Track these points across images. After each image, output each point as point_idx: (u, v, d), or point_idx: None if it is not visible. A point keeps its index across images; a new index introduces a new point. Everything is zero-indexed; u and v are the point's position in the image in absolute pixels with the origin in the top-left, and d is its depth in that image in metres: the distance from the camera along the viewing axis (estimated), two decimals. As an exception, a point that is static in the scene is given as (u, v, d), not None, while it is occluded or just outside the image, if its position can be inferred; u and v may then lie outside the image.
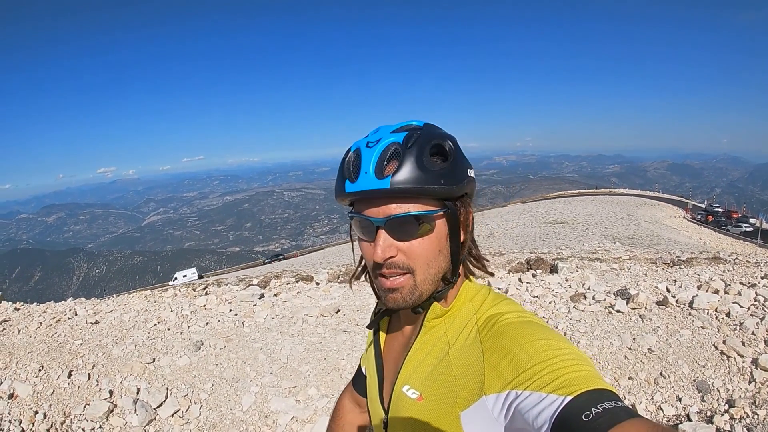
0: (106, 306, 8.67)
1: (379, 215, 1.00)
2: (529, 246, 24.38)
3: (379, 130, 1.06)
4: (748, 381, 4.62)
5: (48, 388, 5.07)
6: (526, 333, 0.93)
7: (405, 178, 0.96)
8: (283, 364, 6.40)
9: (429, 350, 1.10)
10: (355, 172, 1.01)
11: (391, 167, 0.98)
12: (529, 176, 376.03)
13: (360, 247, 1.10)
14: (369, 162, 0.99)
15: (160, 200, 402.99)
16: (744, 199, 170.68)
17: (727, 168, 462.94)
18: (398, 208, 0.99)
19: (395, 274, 1.02)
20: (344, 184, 1.03)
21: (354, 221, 1.06)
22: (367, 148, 1.02)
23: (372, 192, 0.98)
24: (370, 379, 1.31)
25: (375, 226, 1.00)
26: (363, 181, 0.99)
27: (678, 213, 52.81)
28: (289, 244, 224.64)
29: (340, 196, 1.06)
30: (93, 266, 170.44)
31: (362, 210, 1.03)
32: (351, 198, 1.04)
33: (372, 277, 1.09)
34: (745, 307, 6.15)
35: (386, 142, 1.01)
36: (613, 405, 0.73)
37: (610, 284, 8.87)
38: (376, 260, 1.00)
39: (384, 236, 1.00)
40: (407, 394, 1.09)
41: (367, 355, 1.38)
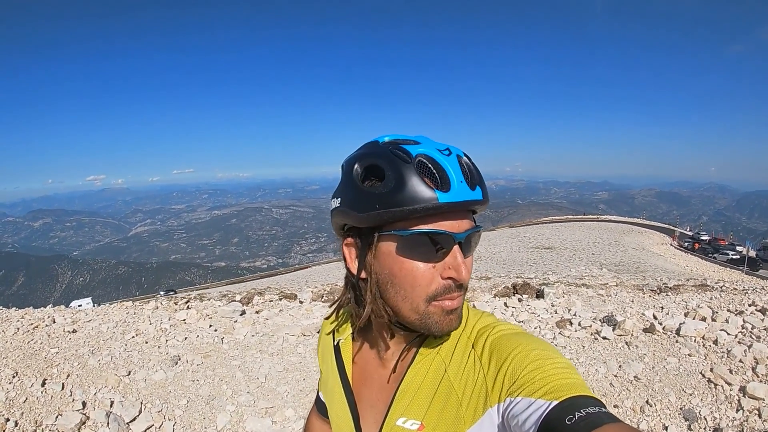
0: (84, 315, 8.53)
1: (458, 229, 0.91)
2: (516, 270, 24.39)
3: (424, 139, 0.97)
4: (736, 409, 4.57)
5: (21, 395, 4.94)
6: (520, 343, 0.92)
7: (486, 190, 0.94)
8: (261, 384, 6.27)
9: (424, 376, 1.01)
10: (440, 180, 0.89)
11: (472, 179, 0.93)
12: (518, 201, 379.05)
13: (405, 270, 0.93)
14: (457, 170, 0.90)
15: (148, 211, 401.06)
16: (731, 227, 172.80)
17: (714, 196, 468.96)
18: (469, 223, 0.94)
19: (461, 295, 0.95)
20: (431, 192, 0.88)
21: (414, 238, 0.90)
22: (445, 156, 0.91)
23: (469, 203, 0.91)
24: (339, 416, 1.17)
25: (454, 243, 0.91)
26: (459, 191, 0.89)
27: (665, 240, 53.19)
28: (276, 261, 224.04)
29: (422, 207, 0.87)
30: (77, 274, 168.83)
31: (429, 223, 0.90)
32: (442, 209, 0.89)
33: (419, 304, 0.93)
34: (732, 335, 6.12)
35: (455, 151, 0.94)
36: (597, 410, 0.75)
37: (596, 310, 8.84)
38: (463, 280, 0.92)
39: (460, 253, 0.92)
40: (405, 426, 1.00)
41: (329, 388, 1.23)
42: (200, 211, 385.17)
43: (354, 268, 1.00)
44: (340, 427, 1.17)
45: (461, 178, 0.89)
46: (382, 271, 0.95)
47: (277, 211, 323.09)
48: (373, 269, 0.97)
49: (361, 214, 0.92)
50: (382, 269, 0.95)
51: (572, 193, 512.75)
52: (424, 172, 0.89)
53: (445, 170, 0.89)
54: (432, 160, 0.90)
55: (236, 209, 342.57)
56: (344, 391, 1.15)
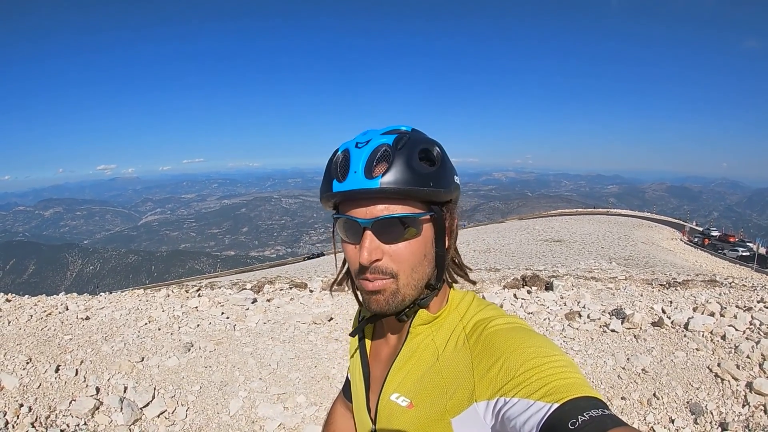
0: (97, 302, 8.61)
1: (366, 216, 0.97)
2: (525, 263, 24.34)
3: (368, 133, 1.05)
4: (742, 404, 4.59)
5: (35, 381, 5.02)
6: (516, 340, 0.92)
7: (394, 178, 0.95)
8: (273, 370, 6.34)
9: (418, 357, 1.08)
10: (343, 171, 0.99)
11: (380, 168, 0.96)
12: (528, 193, 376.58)
13: (344, 249, 1.06)
14: (358, 162, 0.97)
15: (158, 200, 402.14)
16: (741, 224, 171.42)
17: (725, 192, 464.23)
18: (385, 210, 0.97)
19: (379, 278, 0.99)
20: (331, 183, 1.00)
21: (339, 222, 1.03)
22: (356, 149, 1.00)
23: (360, 192, 0.96)
24: (356, 388, 1.28)
25: (361, 228, 0.98)
26: (351, 181, 0.97)
27: (675, 235, 52.83)
28: (285, 250, 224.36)
29: (326, 195, 1.03)
30: (87, 262, 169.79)
31: (347, 211, 1.00)
32: (337, 198, 1.01)
33: (354, 280, 1.07)
34: (740, 331, 6.12)
35: (376, 143, 0.99)
36: (600, 413, 0.74)
37: (605, 303, 8.84)
38: (362, 263, 0.97)
39: (370, 238, 0.97)
40: (397, 401, 1.07)
41: (353, 364, 1.34)
42: (210, 200, 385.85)
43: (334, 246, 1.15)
44: (357, 398, 1.27)
45: (357, 169, 0.96)
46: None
47: (286, 200, 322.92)
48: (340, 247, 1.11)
49: None
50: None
51: (582, 186, 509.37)
52: (337, 165, 1.01)
53: (348, 162, 0.99)
54: (345, 153, 1.01)
55: (246, 199, 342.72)
56: (362, 366, 1.25)
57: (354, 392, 1.31)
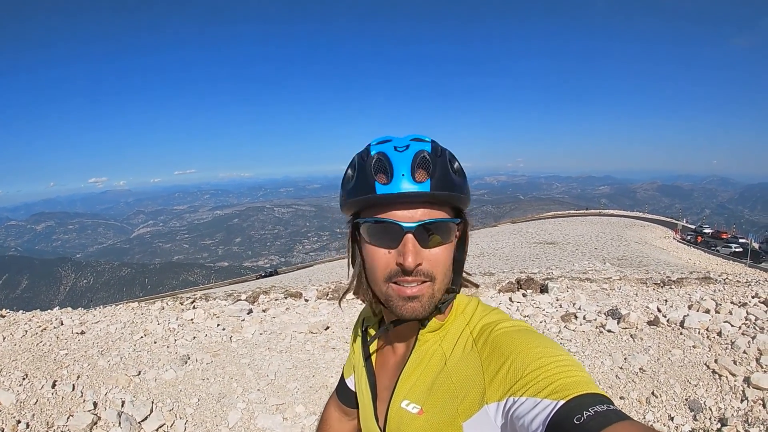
0: (92, 317, 8.55)
1: (409, 220, 0.98)
2: (519, 266, 24.37)
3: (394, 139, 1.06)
4: (741, 399, 4.60)
5: (32, 397, 4.96)
6: (523, 341, 0.94)
7: (440, 184, 0.98)
8: (271, 381, 6.31)
9: (426, 364, 1.08)
10: (385, 174, 0.99)
11: (422, 173, 0.98)
12: (520, 197, 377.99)
13: (369, 255, 1.05)
14: (403, 165, 0.98)
15: (150, 212, 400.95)
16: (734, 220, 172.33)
17: (716, 189, 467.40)
18: (427, 214, 0.99)
19: (417, 282, 1.00)
20: (373, 186, 0.99)
21: (369, 226, 1.03)
22: (396, 152, 1.00)
23: (407, 195, 0.97)
24: (363, 396, 1.27)
25: (403, 232, 0.98)
26: (398, 183, 0.97)
27: (667, 234, 53.12)
28: (278, 260, 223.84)
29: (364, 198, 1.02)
30: (81, 276, 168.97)
31: (380, 214, 1.00)
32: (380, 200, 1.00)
33: (380, 286, 1.04)
34: (736, 327, 6.14)
35: (416, 148, 1.00)
36: (605, 408, 0.76)
37: (600, 304, 8.86)
38: (408, 266, 0.97)
39: (413, 242, 0.98)
40: (407, 409, 1.07)
41: (357, 372, 1.34)
42: (202, 211, 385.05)
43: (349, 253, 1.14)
44: (364, 406, 1.26)
45: (405, 172, 0.97)
46: (361, 255, 1.09)
47: (279, 210, 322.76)
48: (357, 254, 1.11)
49: (341, 206, 1.10)
50: (363, 254, 1.08)
51: (574, 188, 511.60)
52: (375, 166, 1.00)
53: (392, 165, 0.99)
54: (384, 156, 1.01)
55: (238, 209, 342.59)
56: (367, 374, 1.25)
57: (360, 401, 1.31)
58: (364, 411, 1.26)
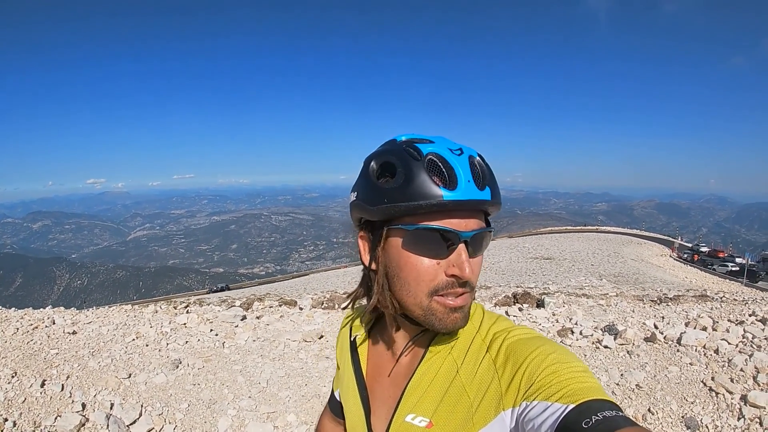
0: (84, 317, 8.51)
1: (465, 228, 0.93)
2: (516, 280, 24.38)
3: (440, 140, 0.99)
4: (737, 417, 4.56)
5: (20, 395, 4.92)
6: (537, 347, 0.91)
7: (496, 191, 0.96)
8: (263, 388, 6.25)
9: (434, 375, 1.02)
10: (448, 178, 0.91)
11: (480, 180, 0.94)
12: (517, 211, 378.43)
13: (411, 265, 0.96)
14: (466, 170, 0.93)
15: (148, 216, 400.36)
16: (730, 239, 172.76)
17: (714, 208, 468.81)
18: (478, 224, 0.96)
19: (466, 293, 0.96)
20: (438, 190, 0.90)
21: (415, 234, 0.94)
22: (454, 155, 0.94)
23: (474, 202, 0.93)
24: (351, 411, 1.20)
25: (460, 241, 0.93)
26: (466, 190, 0.91)
27: (664, 252, 53.21)
28: (274, 267, 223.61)
29: (427, 204, 0.91)
30: (75, 277, 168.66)
31: (429, 221, 0.93)
32: (448, 207, 0.91)
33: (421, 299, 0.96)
34: (733, 344, 6.12)
35: (468, 152, 0.97)
36: (614, 414, 0.75)
37: (597, 320, 8.85)
38: (466, 278, 0.92)
39: (466, 252, 0.93)
40: (414, 423, 1.01)
41: (344, 384, 1.26)
42: (199, 216, 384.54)
43: (366, 259, 1.04)
44: (353, 422, 1.19)
45: (469, 178, 0.92)
46: (390, 263, 0.99)
47: (276, 218, 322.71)
48: (381, 261, 1.01)
49: (372, 207, 0.96)
50: (390, 262, 0.99)
51: (571, 204, 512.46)
52: (433, 170, 0.92)
53: (453, 169, 0.92)
54: (442, 159, 0.93)
55: (235, 215, 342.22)
56: (358, 386, 1.18)
57: (348, 414, 1.24)
58: (353, 426, 1.19)
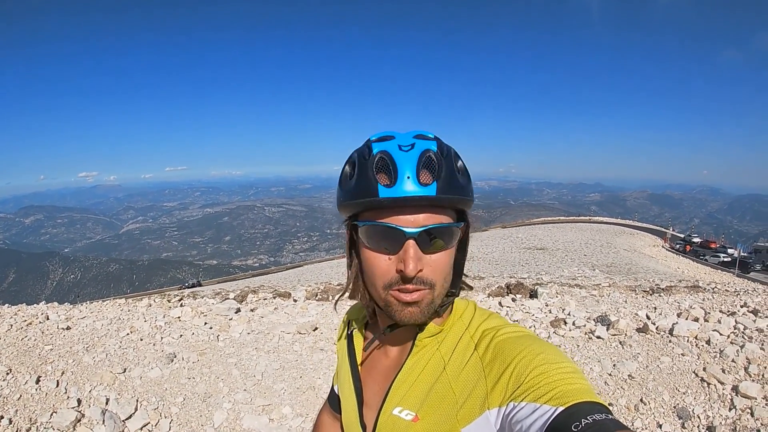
0: (78, 312, 8.47)
1: (411, 225, 0.92)
2: (509, 271, 24.43)
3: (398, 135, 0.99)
4: (729, 408, 4.60)
5: (15, 392, 4.90)
6: (525, 347, 0.91)
7: (447, 186, 0.92)
8: (258, 381, 6.26)
9: (421, 369, 1.03)
10: (389, 175, 0.92)
11: (427, 174, 0.92)
12: (510, 202, 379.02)
13: (368, 260, 0.99)
14: (408, 166, 0.91)
15: (140, 208, 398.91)
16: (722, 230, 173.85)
17: (706, 199, 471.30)
18: (430, 219, 0.93)
19: (418, 289, 0.95)
20: (376, 187, 0.92)
21: (369, 230, 0.96)
22: (401, 152, 0.94)
23: (413, 199, 0.91)
24: (347, 402, 1.22)
25: (405, 238, 0.92)
26: (403, 186, 0.90)
27: (656, 242, 53.47)
28: (267, 259, 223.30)
29: (367, 201, 0.94)
30: (68, 271, 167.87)
31: (383, 218, 0.94)
32: (384, 204, 0.93)
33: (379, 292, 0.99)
34: (725, 335, 6.16)
35: (421, 147, 0.94)
36: (604, 417, 0.74)
37: (590, 310, 8.88)
38: (408, 275, 0.91)
39: (415, 248, 0.92)
40: (400, 416, 1.02)
41: (341, 376, 1.29)
42: (192, 208, 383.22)
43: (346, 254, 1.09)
44: (347, 413, 1.21)
45: (410, 174, 0.91)
46: (359, 258, 1.03)
47: (269, 209, 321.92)
48: (354, 256, 1.06)
49: (338, 205, 1.02)
50: (358, 256, 1.03)
51: (564, 195, 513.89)
52: (378, 168, 0.94)
53: (396, 166, 0.92)
54: (388, 156, 0.94)
55: (229, 207, 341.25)
56: (352, 378, 1.19)
57: (344, 406, 1.26)
58: (347, 417, 1.21)
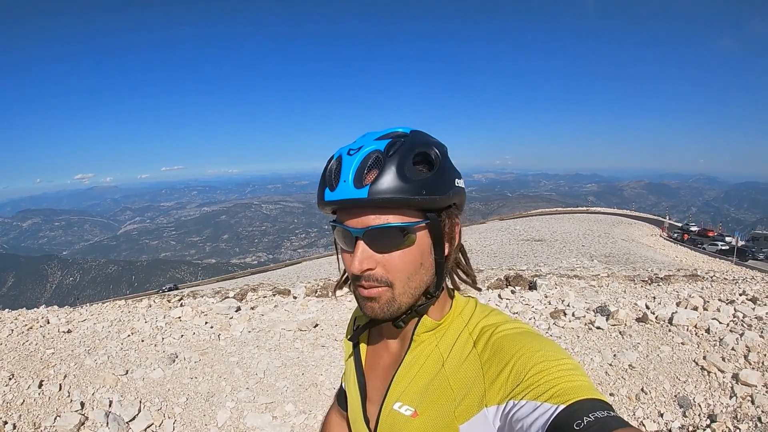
0: (79, 315, 8.47)
1: (357, 225, 0.95)
2: (507, 263, 24.46)
3: (365, 137, 1.01)
4: (729, 396, 4.63)
5: (18, 397, 4.91)
6: (524, 344, 0.91)
7: (384, 188, 0.91)
8: (260, 379, 6.27)
9: (420, 365, 1.05)
10: (335, 180, 0.96)
11: (371, 176, 0.93)
12: (507, 194, 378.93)
13: (342, 257, 1.05)
14: (348, 170, 0.94)
15: (137, 209, 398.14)
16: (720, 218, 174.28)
17: (703, 188, 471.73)
18: (377, 219, 0.94)
19: (374, 286, 0.97)
20: (324, 192, 0.98)
21: (336, 231, 1.02)
22: (348, 156, 0.97)
23: (349, 201, 0.93)
24: (352, 398, 1.24)
25: (354, 237, 0.96)
26: (342, 190, 0.94)
27: (654, 232, 53.52)
28: (266, 257, 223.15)
29: (320, 204, 1.01)
30: (67, 274, 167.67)
31: (343, 220, 0.98)
32: (331, 207, 0.99)
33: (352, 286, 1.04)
34: (724, 324, 6.20)
35: (367, 149, 0.96)
36: (605, 414, 0.74)
37: (589, 301, 8.90)
38: (353, 272, 0.96)
39: (363, 247, 0.95)
40: (400, 411, 1.03)
41: (347, 372, 1.30)
42: (189, 208, 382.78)
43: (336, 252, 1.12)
44: (352, 409, 1.23)
45: (347, 178, 0.94)
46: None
47: (266, 206, 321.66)
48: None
49: None
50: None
51: (562, 186, 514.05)
52: (330, 171, 0.98)
53: (341, 170, 0.96)
54: (339, 161, 0.98)
55: (226, 206, 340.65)
56: (356, 374, 1.22)
57: (350, 402, 1.27)
58: (352, 412, 1.23)
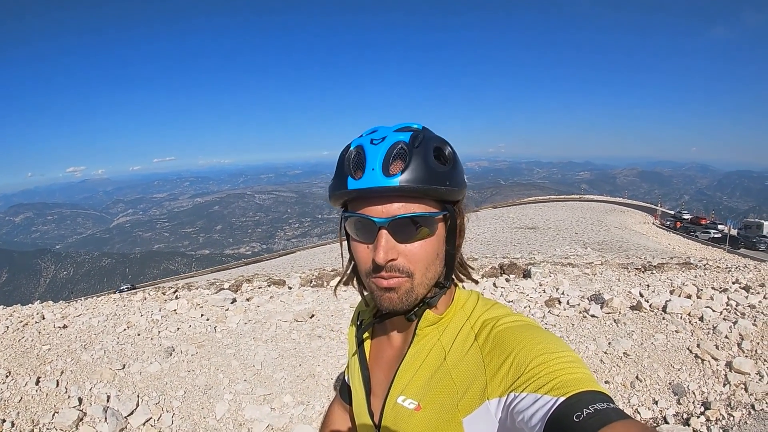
0: (74, 310, 8.45)
1: (382, 215, 0.95)
2: (501, 251, 24.49)
3: (379, 129, 1.03)
4: (723, 383, 4.69)
5: (15, 395, 4.90)
6: (525, 337, 0.93)
7: (414, 177, 0.93)
8: (257, 371, 6.28)
9: (423, 359, 1.06)
10: (359, 168, 0.97)
11: (397, 166, 0.94)
12: (501, 182, 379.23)
13: (353, 248, 1.05)
14: (376, 159, 0.95)
15: (130, 201, 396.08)
16: (712, 206, 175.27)
17: (696, 176, 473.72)
18: (402, 209, 0.95)
19: (394, 276, 0.97)
20: (346, 180, 0.98)
21: (349, 221, 1.01)
22: (372, 145, 0.98)
23: (378, 190, 0.94)
24: (356, 391, 1.25)
25: (377, 227, 0.96)
26: (369, 178, 0.94)
27: (647, 219, 53.72)
28: (260, 247, 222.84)
29: (339, 193, 1.00)
30: (61, 268, 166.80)
31: (360, 209, 0.98)
32: (352, 195, 0.98)
33: (364, 279, 1.05)
34: (717, 312, 6.25)
35: (392, 140, 0.97)
36: (605, 406, 0.75)
37: (583, 289, 8.94)
38: (378, 262, 0.95)
39: (386, 237, 0.95)
40: (403, 404, 1.05)
41: (350, 366, 1.32)
42: (182, 199, 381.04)
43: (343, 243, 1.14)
44: (357, 402, 1.25)
45: (376, 166, 0.94)
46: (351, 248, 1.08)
47: (259, 196, 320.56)
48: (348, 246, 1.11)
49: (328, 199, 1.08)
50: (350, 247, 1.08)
51: (555, 174, 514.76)
52: (352, 161, 0.99)
53: (364, 159, 0.97)
54: (361, 149, 0.99)
55: (218, 196, 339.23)
56: (360, 367, 1.23)
57: (354, 395, 1.29)
58: (357, 406, 1.24)
